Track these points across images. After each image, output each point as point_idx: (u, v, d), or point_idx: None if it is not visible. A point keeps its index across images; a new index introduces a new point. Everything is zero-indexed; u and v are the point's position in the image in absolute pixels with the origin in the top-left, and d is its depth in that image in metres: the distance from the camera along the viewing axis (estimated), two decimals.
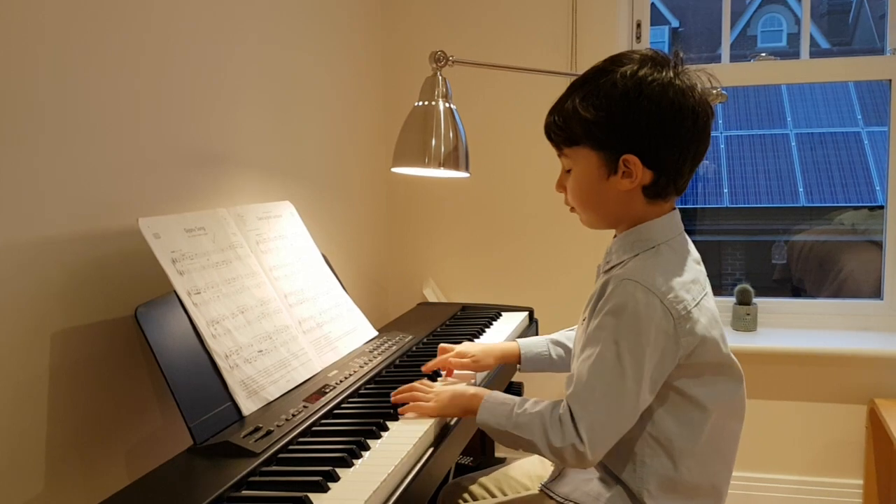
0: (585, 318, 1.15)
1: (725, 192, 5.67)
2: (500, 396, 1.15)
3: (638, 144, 1.08)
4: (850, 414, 2.24)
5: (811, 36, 2.39)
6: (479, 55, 2.25)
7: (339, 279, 1.66)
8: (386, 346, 1.58)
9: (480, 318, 1.88)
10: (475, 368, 1.40)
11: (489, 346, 1.44)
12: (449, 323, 1.85)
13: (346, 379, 1.35)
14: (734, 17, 2.49)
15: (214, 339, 1.21)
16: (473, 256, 2.47)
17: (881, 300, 2.35)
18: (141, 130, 1.34)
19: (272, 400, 1.25)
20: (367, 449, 1.07)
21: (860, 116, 5.98)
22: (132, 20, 1.31)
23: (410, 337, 1.66)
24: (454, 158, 1.64)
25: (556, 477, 1.23)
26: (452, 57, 1.65)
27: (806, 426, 2.28)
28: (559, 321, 2.04)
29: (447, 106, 1.64)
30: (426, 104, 1.64)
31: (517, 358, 1.43)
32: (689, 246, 1.18)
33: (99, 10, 1.23)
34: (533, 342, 1.44)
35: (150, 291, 1.21)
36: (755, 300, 2.39)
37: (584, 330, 1.14)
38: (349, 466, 1.01)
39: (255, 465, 1.01)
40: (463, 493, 1.39)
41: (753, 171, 5.76)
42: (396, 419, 1.19)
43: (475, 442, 2.01)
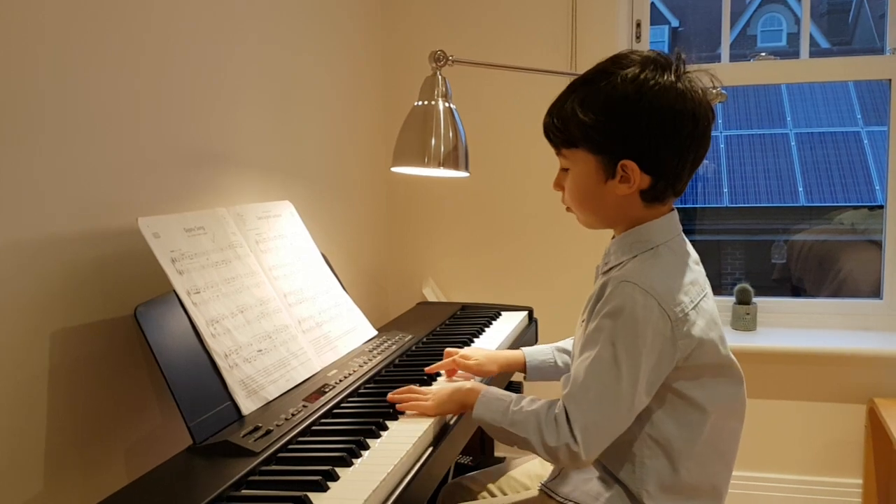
0: (584, 319, 1.15)
1: (725, 191, 5.68)
2: (496, 392, 1.15)
3: (636, 150, 1.07)
4: (849, 413, 2.24)
5: (811, 35, 2.39)
6: (478, 55, 2.25)
7: (338, 279, 1.66)
8: (385, 345, 1.58)
9: (480, 317, 1.88)
10: (477, 373, 1.39)
11: (494, 353, 1.43)
12: (448, 322, 1.85)
13: (345, 378, 1.35)
14: (734, 16, 2.49)
15: (214, 338, 1.21)
16: (473, 256, 2.47)
17: (880, 300, 2.35)
18: (141, 130, 1.34)
19: (271, 399, 1.25)
20: (366, 448, 1.07)
21: (860, 116, 5.99)
22: (132, 20, 1.31)
23: (410, 336, 1.66)
24: (454, 158, 1.64)
25: (555, 476, 1.23)
26: (452, 57, 1.65)
27: (805, 426, 2.28)
28: (559, 321, 2.04)
29: (447, 105, 1.65)
30: (426, 104, 1.64)
31: (522, 366, 1.42)
32: (687, 247, 1.17)
33: (99, 10, 1.23)
34: (538, 350, 1.43)
35: (149, 291, 1.21)
36: (755, 300, 2.39)
37: (582, 331, 1.14)
38: (349, 466, 1.01)
39: (254, 464, 1.01)
40: (463, 492, 1.39)
41: (753, 170, 5.76)
42: (396, 418, 1.19)
43: (475, 441, 2.01)
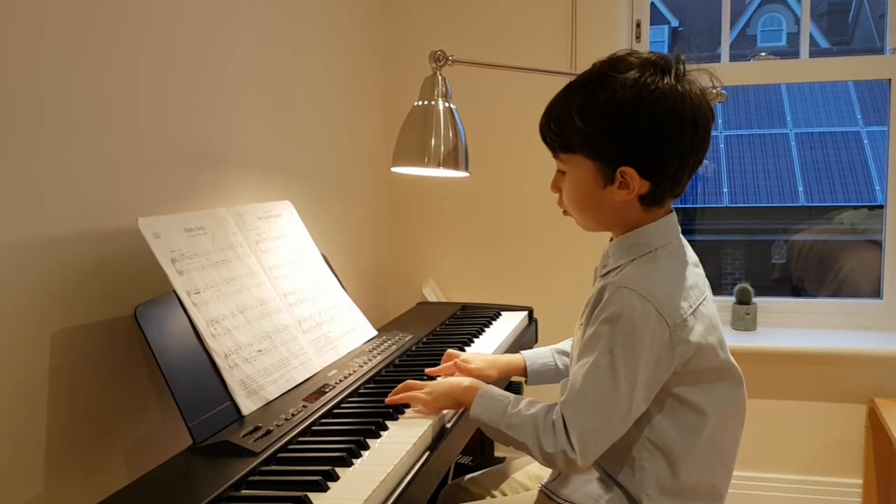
0: (582, 323, 1.14)
1: (725, 191, 5.68)
2: (494, 392, 1.15)
3: (636, 156, 1.06)
4: (849, 413, 2.24)
5: (811, 35, 2.39)
6: (478, 55, 2.25)
7: (338, 279, 1.66)
8: (385, 345, 1.58)
9: (480, 317, 1.88)
10: (477, 377, 1.37)
11: (494, 357, 1.43)
12: (448, 322, 1.85)
13: (345, 378, 1.35)
14: (734, 16, 2.49)
15: (214, 338, 1.21)
16: (473, 256, 2.47)
17: (881, 299, 2.35)
18: (141, 130, 1.34)
19: (272, 399, 1.25)
20: (366, 448, 1.07)
21: (860, 116, 5.99)
22: (132, 20, 1.31)
23: (410, 336, 1.66)
24: (454, 158, 1.64)
25: (555, 478, 1.22)
26: (452, 56, 1.65)
27: (805, 425, 2.28)
28: (559, 321, 2.04)
29: (447, 105, 1.64)
30: (426, 104, 1.64)
31: (522, 371, 1.41)
32: (686, 249, 1.16)
33: (99, 10, 1.23)
34: (538, 354, 1.42)
35: (149, 291, 1.21)
36: (755, 300, 2.39)
37: (580, 336, 1.13)
38: (349, 466, 1.01)
39: (254, 464, 1.01)
40: (463, 494, 1.39)
41: (753, 170, 5.77)
42: (396, 419, 1.19)
43: (475, 441, 2.01)
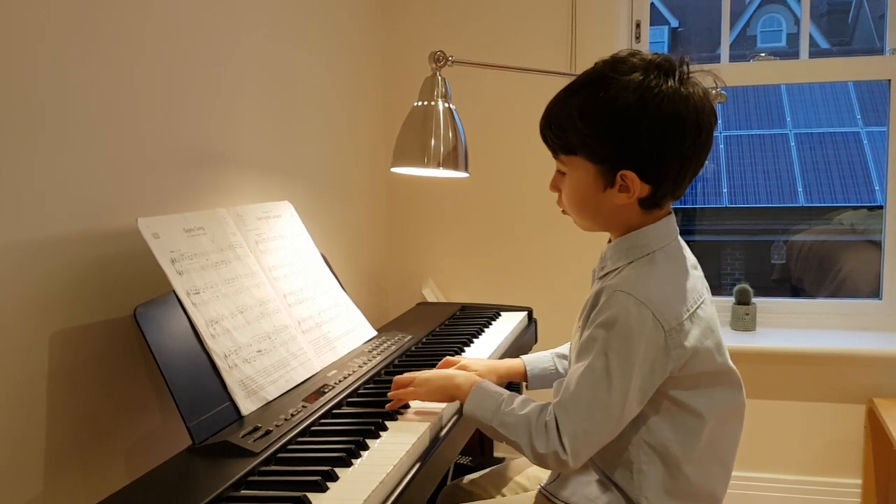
0: (580, 326, 1.14)
1: (725, 192, 5.68)
2: (489, 388, 1.15)
3: (637, 160, 1.05)
4: (848, 413, 2.24)
5: (810, 36, 2.39)
6: (478, 55, 2.25)
7: (338, 279, 1.66)
8: (385, 345, 1.58)
9: (479, 317, 1.88)
10: None
11: (493, 362, 1.42)
12: (448, 323, 1.85)
13: (345, 379, 1.35)
14: (734, 17, 2.49)
15: (213, 339, 1.21)
16: (473, 256, 2.47)
17: (880, 300, 2.35)
18: (140, 130, 1.34)
19: (271, 400, 1.25)
20: (365, 449, 1.07)
21: (859, 116, 5.99)
22: (132, 20, 1.31)
23: (410, 337, 1.66)
24: (453, 158, 1.64)
25: (554, 479, 1.22)
26: (452, 57, 1.65)
27: (805, 426, 2.28)
28: (558, 321, 2.03)
29: (446, 106, 1.65)
30: (425, 104, 1.64)
31: (522, 376, 1.40)
32: (685, 251, 1.16)
33: (99, 10, 1.23)
34: (538, 358, 1.42)
35: (149, 291, 1.21)
36: (754, 300, 2.40)
37: (578, 338, 1.13)
38: (348, 466, 1.01)
39: (254, 464, 1.01)
40: (462, 494, 1.39)
41: (753, 171, 5.77)
42: (395, 419, 1.19)
43: (474, 442, 2.02)
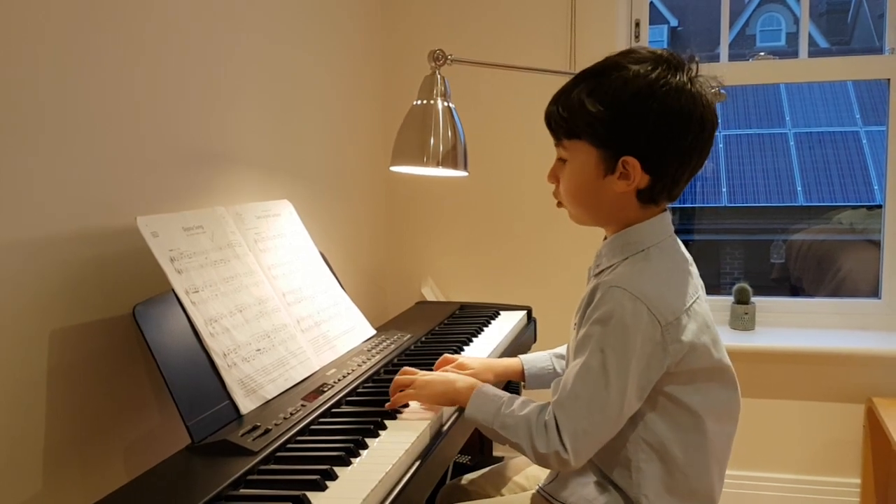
0: (576, 324, 1.14)
1: (724, 191, 5.68)
2: (490, 391, 1.15)
3: (640, 148, 1.05)
4: (847, 413, 2.24)
5: (810, 35, 2.39)
6: (478, 54, 2.25)
7: (337, 278, 1.66)
8: (384, 344, 1.58)
9: (479, 316, 1.88)
10: None
11: (490, 360, 1.42)
12: (447, 322, 1.85)
13: (344, 378, 1.35)
14: (733, 16, 2.49)
15: (212, 337, 1.21)
16: (472, 255, 2.47)
17: (879, 299, 2.35)
18: (140, 129, 1.34)
19: (270, 398, 1.25)
20: (365, 448, 1.07)
21: (859, 116, 5.99)
22: (131, 20, 1.31)
23: (409, 336, 1.66)
24: (453, 157, 1.64)
25: (553, 479, 1.22)
26: (451, 56, 1.65)
27: (804, 425, 2.28)
28: (557, 320, 2.03)
29: (446, 105, 1.64)
30: (425, 103, 1.64)
31: (520, 375, 1.41)
32: (680, 248, 1.16)
33: (98, 10, 1.23)
34: (536, 358, 1.42)
35: (148, 290, 1.21)
36: (753, 299, 2.40)
37: (575, 336, 1.13)
38: (347, 465, 1.01)
39: (253, 463, 1.01)
40: (461, 494, 1.39)
41: (752, 170, 5.77)
42: (395, 418, 1.19)
43: (473, 441, 2.02)
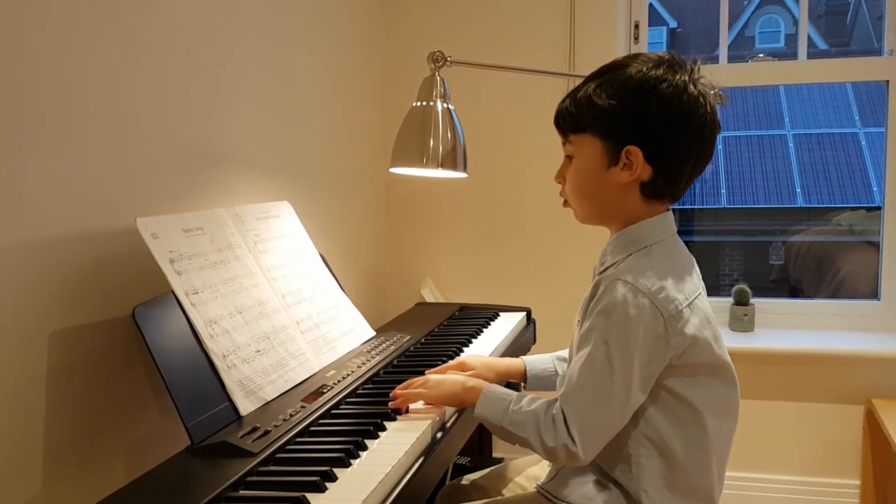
0: (579, 320, 1.15)
1: (723, 192, 5.68)
2: (497, 391, 1.16)
3: (643, 138, 1.09)
4: (847, 414, 2.24)
5: (809, 37, 2.40)
6: (477, 55, 2.25)
7: (337, 279, 1.66)
8: (384, 346, 1.58)
9: (478, 318, 1.88)
10: None
11: (492, 360, 1.44)
12: (447, 323, 1.85)
13: (343, 379, 1.35)
14: (732, 17, 2.49)
15: (212, 339, 1.21)
16: (471, 256, 2.47)
17: (878, 301, 2.35)
18: (139, 130, 1.34)
19: (270, 400, 1.25)
20: (364, 449, 1.07)
21: (858, 117, 6.00)
22: (131, 19, 1.31)
23: (408, 337, 1.66)
24: (452, 159, 1.64)
25: (552, 478, 1.23)
26: (451, 57, 1.65)
27: (803, 426, 2.28)
28: (557, 321, 2.04)
29: (445, 106, 1.65)
30: (424, 104, 1.64)
31: (522, 375, 1.41)
32: (682, 248, 1.19)
33: (98, 9, 1.23)
34: (538, 360, 1.43)
35: (147, 291, 1.21)
36: (752, 300, 2.40)
37: (578, 331, 1.14)
38: (347, 467, 1.01)
39: (252, 465, 1.01)
40: (460, 494, 1.39)
41: (751, 171, 5.77)
42: (394, 419, 1.19)
43: (473, 442, 2.02)
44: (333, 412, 1.23)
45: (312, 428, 1.16)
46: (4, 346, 1.06)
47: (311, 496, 0.92)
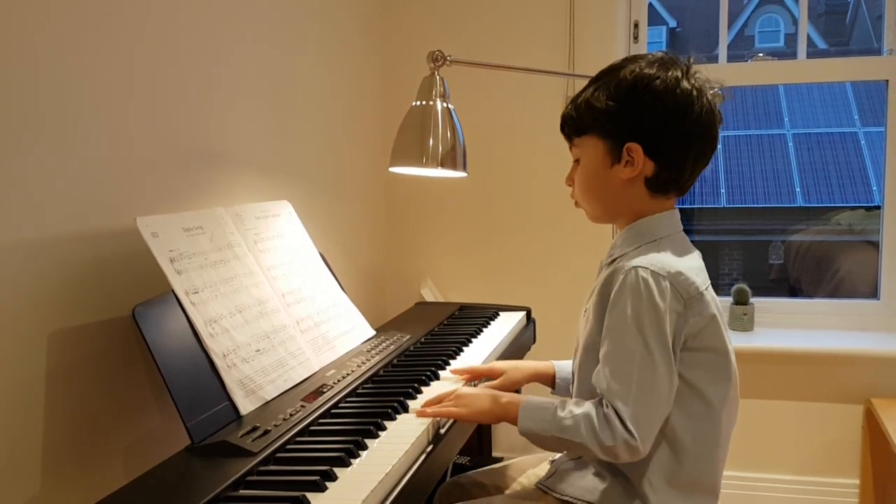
0: (588, 309, 1.18)
1: (723, 192, 5.69)
2: (537, 401, 1.15)
3: (641, 134, 1.13)
4: (846, 413, 2.24)
5: (808, 36, 2.40)
6: (477, 55, 2.25)
7: (336, 279, 1.66)
8: (384, 345, 1.58)
9: (478, 317, 1.88)
10: (506, 385, 1.36)
11: (520, 362, 1.45)
12: (447, 322, 1.85)
13: (343, 378, 1.35)
14: (732, 17, 2.50)
15: (212, 338, 1.21)
16: (471, 256, 2.47)
17: (877, 300, 2.35)
18: (139, 129, 1.34)
19: (270, 399, 1.25)
20: (364, 448, 1.07)
21: (857, 117, 6.00)
22: (131, 19, 1.31)
23: (408, 336, 1.66)
24: (452, 158, 1.64)
25: (552, 475, 1.23)
26: (450, 57, 1.65)
27: (802, 426, 2.28)
28: (557, 321, 2.04)
29: (445, 106, 1.64)
30: (424, 104, 1.64)
31: (550, 379, 1.42)
32: (689, 243, 1.22)
33: (97, 8, 1.23)
34: (568, 364, 1.42)
35: (147, 291, 1.21)
36: (752, 300, 2.40)
37: (586, 322, 1.17)
38: (347, 466, 1.01)
39: (252, 464, 1.01)
40: (459, 491, 1.39)
41: (751, 171, 5.78)
42: (394, 419, 1.19)
43: (472, 442, 2.02)
44: (333, 411, 1.23)
45: (312, 427, 1.16)
46: (4, 345, 1.06)
47: (311, 495, 0.92)
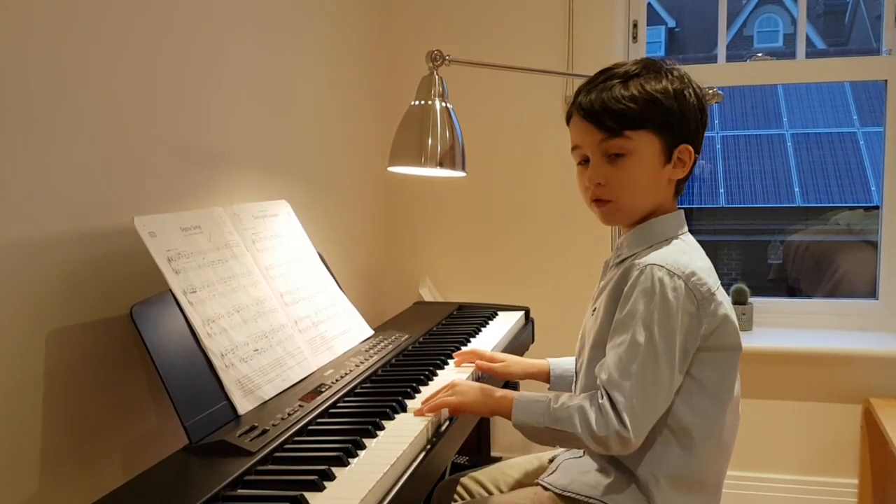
0: (597, 307, 1.18)
1: (721, 192, 5.69)
2: (531, 395, 1.16)
3: (690, 136, 1.16)
4: (845, 413, 2.24)
5: (807, 36, 2.40)
6: (476, 55, 2.25)
7: (335, 278, 1.66)
8: (382, 345, 1.58)
9: (477, 317, 1.88)
10: (501, 373, 1.42)
11: (518, 357, 1.47)
12: (445, 322, 1.85)
13: (341, 378, 1.35)
14: (730, 17, 2.50)
15: (210, 338, 1.21)
16: (470, 256, 2.47)
17: (876, 300, 2.36)
18: (137, 129, 1.33)
19: (268, 399, 1.25)
20: (362, 448, 1.07)
21: (856, 117, 6.01)
22: (128, 18, 1.31)
23: (406, 336, 1.66)
24: (450, 158, 1.64)
25: (553, 472, 1.23)
26: (449, 56, 1.65)
27: (801, 426, 2.28)
28: (555, 320, 2.04)
29: (444, 105, 1.64)
30: (423, 103, 1.64)
31: (545, 375, 1.43)
32: (696, 243, 1.22)
33: (95, 7, 1.23)
34: (563, 361, 1.44)
35: (145, 290, 1.21)
36: (751, 300, 2.40)
37: (595, 320, 1.17)
38: (345, 465, 1.01)
39: (250, 464, 1.00)
40: (458, 490, 1.39)
41: (749, 171, 5.78)
42: (392, 418, 1.19)
43: (471, 441, 2.02)
44: (331, 411, 1.22)
45: (310, 427, 1.16)
46: (2, 345, 1.06)
47: (309, 495, 0.92)
